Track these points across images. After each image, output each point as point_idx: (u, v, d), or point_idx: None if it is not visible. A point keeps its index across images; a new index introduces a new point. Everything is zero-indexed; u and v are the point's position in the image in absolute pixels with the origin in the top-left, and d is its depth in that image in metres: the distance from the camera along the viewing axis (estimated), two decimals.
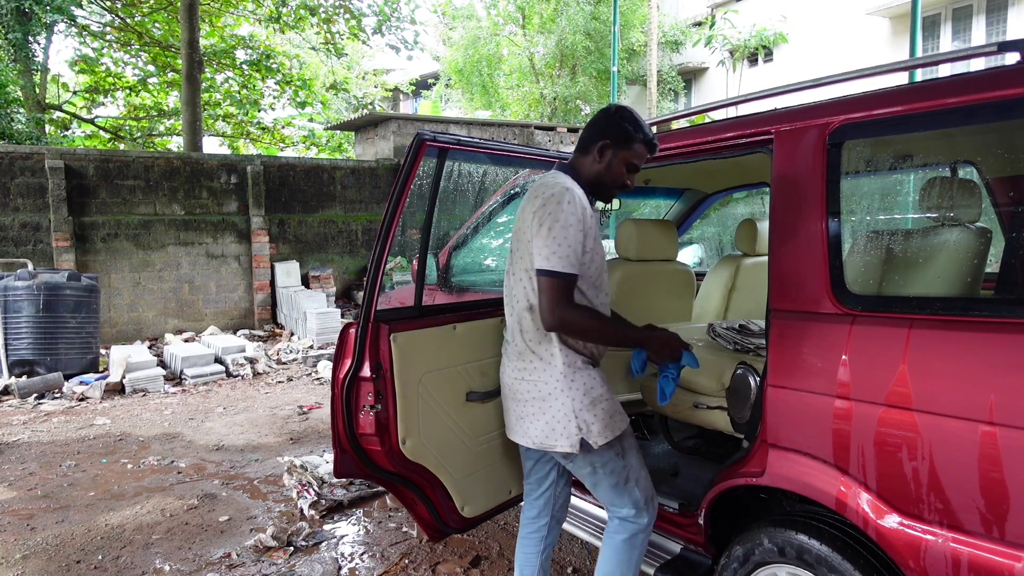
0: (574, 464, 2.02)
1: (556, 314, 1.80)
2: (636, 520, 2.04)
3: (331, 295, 9.47)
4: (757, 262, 3.13)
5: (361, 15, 14.41)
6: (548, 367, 1.95)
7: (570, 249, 1.81)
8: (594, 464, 1.98)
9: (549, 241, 1.81)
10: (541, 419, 1.96)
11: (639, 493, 2.03)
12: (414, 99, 27.05)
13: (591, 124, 2.01)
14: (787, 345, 1.80)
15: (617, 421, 1.99)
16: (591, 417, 1.93)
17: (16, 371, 6.27)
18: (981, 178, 2.24)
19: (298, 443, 4.69)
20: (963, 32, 13.38)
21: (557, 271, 1.80)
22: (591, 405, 1.94)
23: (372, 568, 2.95)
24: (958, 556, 1.44)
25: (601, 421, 1.93)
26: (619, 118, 1.96)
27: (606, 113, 1.98)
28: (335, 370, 2.16)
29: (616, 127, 1.95)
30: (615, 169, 1.96)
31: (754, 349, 2.53)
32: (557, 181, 1.92)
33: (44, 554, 3.11)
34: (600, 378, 2.00)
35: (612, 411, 1.98)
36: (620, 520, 2.06)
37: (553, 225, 1.81)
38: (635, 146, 1.94)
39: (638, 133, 1.94)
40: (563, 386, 1.93)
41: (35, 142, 11.36)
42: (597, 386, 1.97)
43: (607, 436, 1.94)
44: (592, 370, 1.98)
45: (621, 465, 1.99)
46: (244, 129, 17.21)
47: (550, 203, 1.84)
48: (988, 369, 1.42)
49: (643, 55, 17.91)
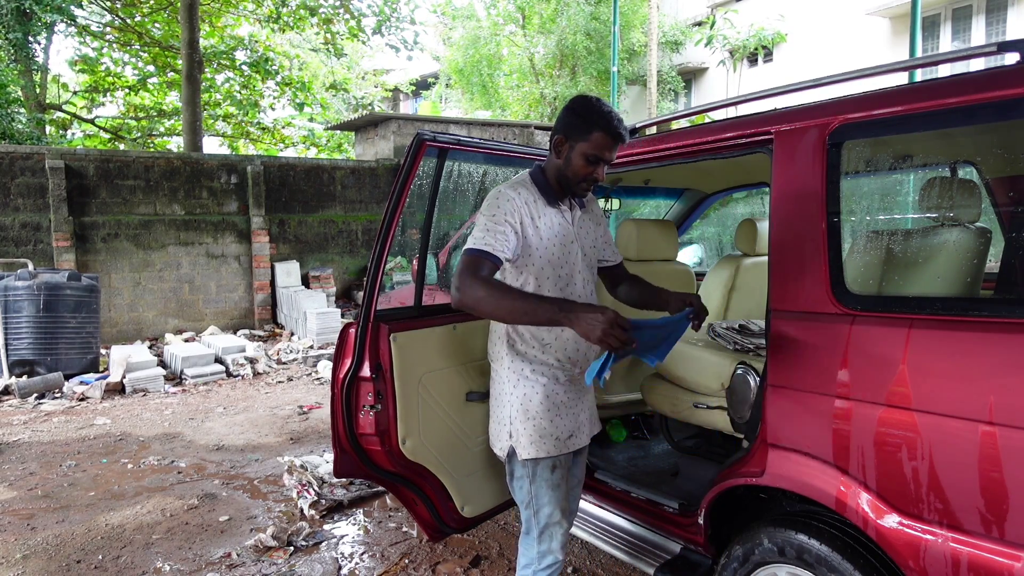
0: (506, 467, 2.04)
1: (458, 288, 1.69)
2: (527, 544, 2.02)
3: (331, 295, 9.48)
4: (757, 262, 3.13)
5: (361, 15, 14.42)
6: (500, 371, 1.99)
7: (487, 229, 1.77)
8: (513, 473, 2.01)
9: (477, 227, 1.81)
10: (492, 419, 2.05)
11: (533, 520, 1.98)
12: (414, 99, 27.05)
13: (557, 120, 1.92)
14: (787, 345, 1.80)
15: (545, 444, 1.92)
16: (521, 428, 1.93)
17: (16, 371, 6.27)
18: (981, 178, 2.24)
19: (298, 443, 4.69)
20: (963, 32, 13.38)
21: (470, 247, 1.76)
22: (524, 417, 1.93)
23: (372, 568, 2.95)
24: (958, 556, 1.44)
25: (528, 436, 1.92)
26: (571, 111, 1.86)
27: (568, 107, 1.89)
28: (335, 370, 2.16)
29: (567, 120, 1.86)
30: (574, 163, 1.86)
31: (754, 349, 2.53)
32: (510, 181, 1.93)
33: (44, 554, 3.11)
34: (545, 395, 1.92)
35: (544, 432, 1.92)
36: (519, 543, 2.07)
37: (482, 214, 1.83)
38: (591, 136, 1.81)
39: (593, 122, 1.81)
40: (507, 391, 1.96)
41: (35, 142, 11.37)
42: (536, 401, 1.92)
43: (530, 453, 1.92)
44: (539, 383, 1.92)
45: (527, 488, 1.96)
46: (244, 129, 17.22)
47: (488, 200, 1.86)
48: (988, 369, 1.42)
49: (643, 55, 17.91)
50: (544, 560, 1.98)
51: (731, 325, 2.74)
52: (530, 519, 1.99)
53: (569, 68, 18.76)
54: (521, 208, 1.85)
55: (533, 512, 1.98)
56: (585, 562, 2.96)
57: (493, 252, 1.75)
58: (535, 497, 1.96)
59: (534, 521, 1.98)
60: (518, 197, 1.86)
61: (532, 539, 1.99)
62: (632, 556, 2.37)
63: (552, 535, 1.97)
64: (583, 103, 1.86)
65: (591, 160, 1.84)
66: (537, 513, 1.97)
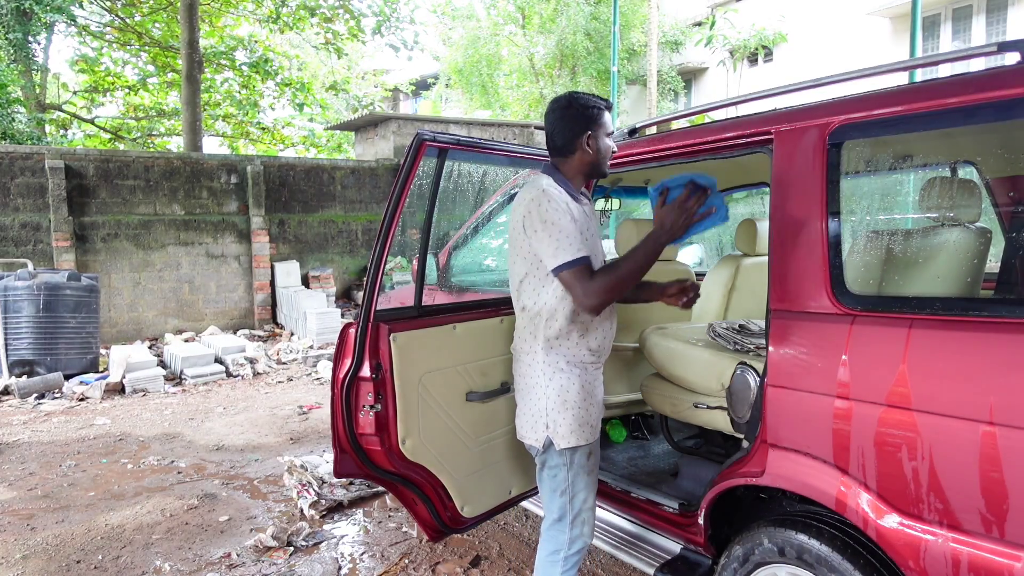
0: (536, 457, 2.09)
1: (589, 297, 1.83)
2: (557, 531, 2.05)
3: (331, 295, 9.47)
4: (757, 262, 3.12)
5: (360, 15, 14.42)
6: (532, 364, 2.02)
7: (568, 237, 1.85)
8: (546, 463, 2.04)
9: (548, 240, 1.85)
10: (522, 412, 2.07)
11: (568, 506, 2.03)
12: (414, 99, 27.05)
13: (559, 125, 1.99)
14: (787, 345, 1.80)
15: (585, 432, 2.00)
16: (560, 419, 1.97)
17: (16, 371, 6.27)
18: (981, 178, 2.24)
19: (298, 443, 4.69)
20: (963, 32, 13.38)
21: (567, 261, 1.83)
22: (563, 408, 1.97)
23: (372, 568, 2.95)
24: (958, 556, 1.44)
25: (568, 426, 1.97)
26: (574, 109, 1.97)
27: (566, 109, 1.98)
28: (335, 370, 2.16)
29: (579, 118, 1.97)
30: (603, 146, 2.01)
31: (754, 349, 2.52)
32: (534, 185, 1.95)
33: (44, 554, 3.11)
34: (580, 385, 2.00)
35: (582, 420, 1.99)
36: (545, 530, 2.10)
37: (543, 226, 1.86)
38: (603, 117, 1.99)
39: (596, 107, 1.98)
40: (542, 383, 2.00)
41: (35, 142, 11.37)
42: (574, 392, 1.98)
43: (570, 442, 1.97)
44: (575, 374, 1.99)
45: (564, 476, 2.01)
46: (244, 129, 17.22)
47: (532, 208, 1.89)
48: (988, 369, 1.42)
49: (643, 55, 17.91)
50: (575, 545, 2.04)
51: (731, 325, 2.74)
52: (564, 506, 2.03)
53: (569, 68, 18.76)
54: (574, 210, 1.93)
55: (568, 499, 2.03)
56: (585, 562, 2.96)
57: (580, 255, 1.85)
58: (571, 484, 2.02)
59: (568, 508, 2.03)
60: (559, 196, 1.92)
61: (564, 525, 2.04)
62: (632, 556, 2.38)
63: (585, 520, 2.06)
64: (575, 99, 1.98)
65: (609, 136, 2.02)
66: (572, 500, 2.03)
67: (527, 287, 1.98)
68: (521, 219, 1.92)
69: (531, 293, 1.97)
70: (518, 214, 1.95)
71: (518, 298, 2.03)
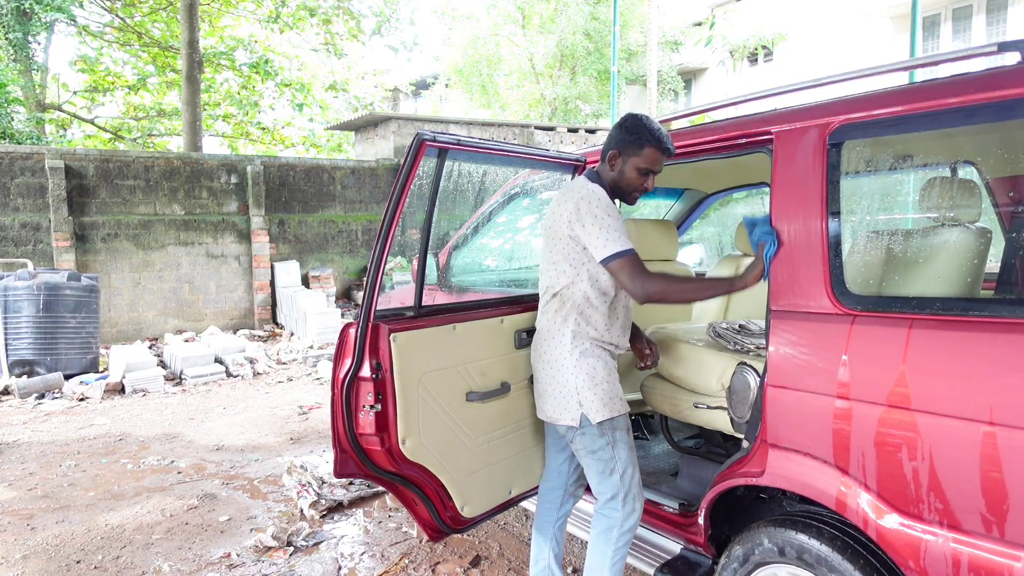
0: (574, 441, 2.17)
1: (638, 285, 1.97)
2: (610, 509, 2.14)
3: (331, 295, 9.47)
4: None
5: (360, 16, 14.42)
6: (559, 348, 2.15)
7: (619, 231, 2.01)
8: (588, 446, 2.13)
9: (599, 232, 2.00)
10: (552, 395, 2.17)
11: (619, 484, 2.12)
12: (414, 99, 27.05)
13: (609, 135, 2.18)
14: (787, 345, 1.80)
15: (616, 404, 2.12)
16: (591, 395, 2.09)
17: (16, 371, 6.27)
18: (981, 178, 2.24)
19: (298, 443, 4.69)
20: (963, 32, 13.39)
21: (618, 251, 1.98)
22: (592, 384, 2.10)
23: (372, 568, 2.95)
24: (958, 556, 1.44)
25: (600, 399, 2.09)
26: (624, 128, 2.12)
27: (620, 125, 2.14)
28: (335, 370, 2.16)
29: (620, 136, 2.12)
30: (628, 175, 2.13)
31: (754, 349, 2.52)
32: (583, 185, 2.10)
33: (44, 554, 3.11)
34: (605, 364, 2.14)
35: (612, 394, 2.12)
36: (598, 510, 2.19)
37: (595, 219, 2.00)
38: (644, 151, 2.08)
39: (644, 139, 2.07)
40: (570, 365, 2.12)
41: (35, 142, 11.37)
42: (600, 370, 2.12)
43: (604, 414, 2.08)
44: (600, 355, 2.14)
45: (609, 455, 2.12)
46: (244, 129, 17.22)
47: (583, 204, 2.02)
48: (988, 369, 1.42)
49: (641, 55, 17.91)
50: (628, 521, 2.13)
51: (731, 325, 2.74)
52: (616, 484, 2.11)
53: (569, 68, 18.76)
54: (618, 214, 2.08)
55: (619, 476, 2.12)
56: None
57: (629, 246, 2.00)
58: (618, 460, 2.12)
59: (620, 484, 2.12)
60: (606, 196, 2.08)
61: (618, 503, 2.12)
62: (632, 556, 2.37)
63: (636, 496, 2.15)
64: (634, 121, 2.11)
65: (643, 172, 2.12)
66: (623, 476, 2.12)
67: (562, 275, 2.12)
68: (568, 213, 2.05)
69: (566, 280, 2.11)
70: (566, 208, 2.06)
71: (550, 286, 2.17)
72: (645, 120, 2.10)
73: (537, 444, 2.55)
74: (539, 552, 2.44)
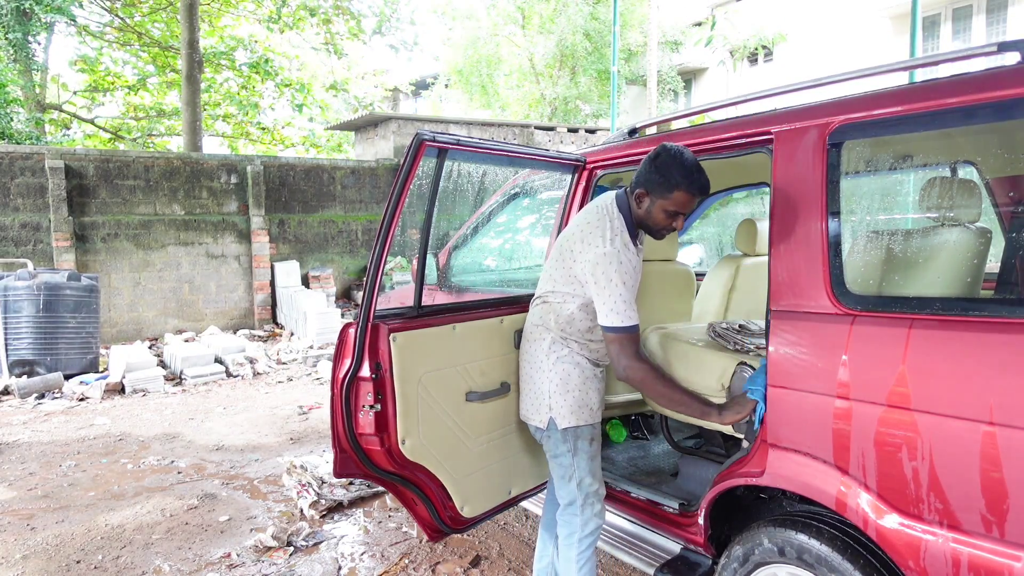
0: (542, 442, 2.23)
1: (623, 364, 1.98)
2: (569, 515, 2.18)
3: (331, 295, 9.47)
4: (757, 262, 3.12)
5: (360, 16, 14.42)
6: (537, 351, 2.18)
7: (628, 303, 1.96)
8: (551, 450, 2.18)
9: (609, 298, 1.96)
10: (526, 394, 2.23)
11: (576, 491, 2.15)
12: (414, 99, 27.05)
13: (640, 166, 2.04)
14: (787, 345, 1.80)
15: (584, 413, 2.13)
16: (561, 400, 2.12)
17: (16, 371, 6.27)
18: (981, 178, 2.24)
19: (298, 443, 4.69)
20: (963, 32, 13.39)
21: (618, 327, 1.96)
22: (564, 391, 2.13)
23: (372, 568, 2.95)
24: (958, 556, 1.44)
25: (568, 406, 2.12)
26: (655, 166, 1.97)
27: (652, 159, 1.99)
28: (334, 370, 2.16)
29: (651, 176, 1.98)
30: (655, 216, 2.03)
31: (754, 349, 2.52)
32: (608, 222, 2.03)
33: (44, 554, 3.11)
34: (582, 372, 2.15)
35: (582, 403, 2.14)
36: (559, 515, 2.23)
37: (609, 283, 1.96)
38: (673, 195, 1.96)
39: (674, 182, 1.94)
40: (546, 368, 2.15)
41: (35, 142, 11.36)
42: (575, 377, 2.14)
43: (571, 421, 2.11)
44: (578, 362, 2.14)
45: (569, 462, 2.15)
46: (244, 129, 17.22)
47: (603, 263, 1.96)
48: (988, 369, 1.42)
49: (642, 55, 17.91)
50: (587, 527, 2.15)
51: (731, 325, 2.74)
52: (573, 491, 2.15)
53: (569, 68, 18.76)
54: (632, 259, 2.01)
55: (576, 483, 2.14)
56: None
57: (632, 323, 1.97)
58: (577, 468, 2.14)
59: (577, 492, 2.14)
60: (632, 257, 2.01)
61: (576, 509, 2.15)
62: (632, 556, 2.38)
63: (593, 503, 2.17)
64: (666, 159, 1.95)
65: (671, 215, 2.02)
66: (580, 484, 2.14)
67: (557, 291, 2.12)
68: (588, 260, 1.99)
69: (559, 298, 2.12)
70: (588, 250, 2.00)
71: (543, 292, 2.18)
72: (678, 157, 1.94)
73: (537, 444, 2.55)
74: (543, 549, 2.46)
